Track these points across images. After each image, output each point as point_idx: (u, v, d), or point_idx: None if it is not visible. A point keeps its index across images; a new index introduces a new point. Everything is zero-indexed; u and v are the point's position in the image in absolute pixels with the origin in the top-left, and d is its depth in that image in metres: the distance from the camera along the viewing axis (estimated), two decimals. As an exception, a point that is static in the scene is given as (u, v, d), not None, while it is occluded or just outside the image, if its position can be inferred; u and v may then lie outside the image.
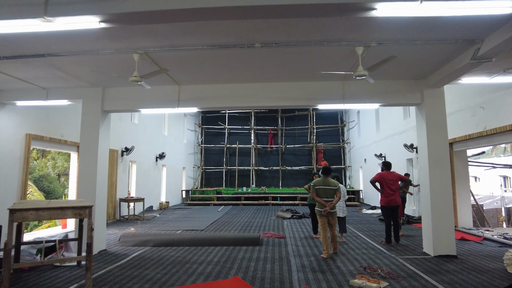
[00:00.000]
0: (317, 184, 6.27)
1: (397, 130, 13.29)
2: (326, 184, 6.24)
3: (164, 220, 11.33)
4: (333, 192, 6.20)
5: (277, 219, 11.22)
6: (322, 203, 6.07)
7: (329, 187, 6.24)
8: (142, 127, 14.00)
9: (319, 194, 6.17)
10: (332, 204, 6.08)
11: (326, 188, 6.22)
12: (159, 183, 15.77)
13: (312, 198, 6.39)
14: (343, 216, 7.40)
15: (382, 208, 7.22)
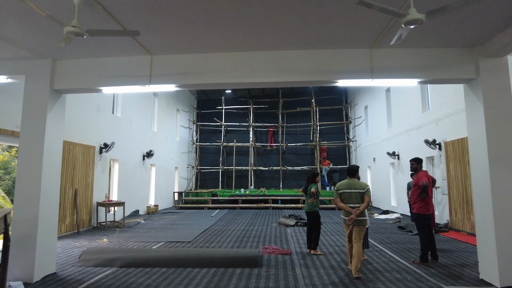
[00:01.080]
0: (340, 187, 5.13)
1: (414, 124, 11.74)
2: (351, 187, 5.04)
3: (147, 228, 9.74)
4: (360, 196, 4.97)
5: (278, 227, 9.65)
6: (347, 209, 4.92)
7: (355, 190, 4.99)
8: (126, 121, 12.41)
9: (344, 200, 5.05)
10: (359, 211, 4.85)
11: (351, 192, 5.02)
12: (146, 185, 14.17)
13: (335, 204, 5.20)
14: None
15: (419, 217, 5.67)
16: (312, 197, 6.27)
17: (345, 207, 4.96)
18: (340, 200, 5.05)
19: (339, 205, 5.06)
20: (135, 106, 13.17)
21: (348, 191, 5.02)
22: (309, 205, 6.39)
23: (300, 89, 21.40)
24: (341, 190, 5.08)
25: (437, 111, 10.14)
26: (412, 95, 11.85)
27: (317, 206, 6.39)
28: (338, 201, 5.07)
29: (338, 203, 5.06)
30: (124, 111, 12.29)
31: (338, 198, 5.08)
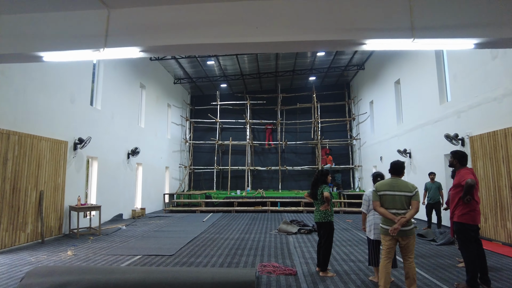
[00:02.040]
0: (381, 188, 3.96)
1: (429, 118, 10.49)
2: (395, 188, 3.88)
3: (127, 236, 8.41)
4: (407, 201, 3.83)
5: (279, 234, 8.35)
6: (390, 217, 3.78)
7: (401, 192, 3.84)
8: (107, 114, 11.07)
9: (385, 204, 3.89)
10: (405, 220, 3.69)
11: (395, 195, 3.85)
12: (132, 186, 12.83)
13: (375, 209, 4.00)
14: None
15: (462, 227, 4.39)
16: (325, 203, 4.95)
17: (386, 213, 3.77)
18: (380, 204, 3.86)
19: (379, 210, 3.86)
20: (118, 98, 11.84)
21: (391, 193, 3.83)
22: (321, 213, 5.03)
23: (300, 84, 20.16)
24: (382, 192, 3.87)
25: (458, 102, 8.90)
26: (427, 86, 10.61)
27: (332, 214, 5.08)
28: (378, 205, 3.87)
29: (378, 208, 3.86)
30: (105, 103, 10.95)
31: (378, 201, 3.88)
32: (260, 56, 15.58)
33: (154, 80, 15.27)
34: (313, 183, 5.19)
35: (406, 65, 12.20)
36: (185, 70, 17.00)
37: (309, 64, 16.95)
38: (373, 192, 3.96)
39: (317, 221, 5.07)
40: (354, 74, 18.77)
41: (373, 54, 15.61)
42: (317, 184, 5.10)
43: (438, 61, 10.09)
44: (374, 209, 3.95)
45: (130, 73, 12.81)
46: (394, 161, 4.11)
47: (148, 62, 14.56)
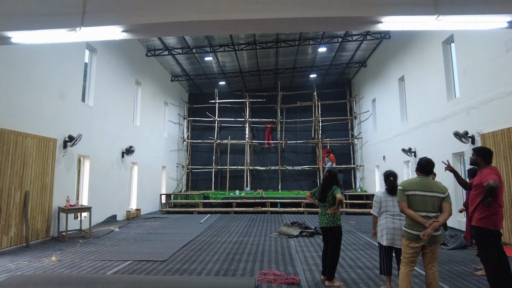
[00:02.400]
0: (409, 187, 3.47)
1: (436, 116, 10.05)
2: (425, 188, 3.41)
3: (118, 239, 7.95)
4: (438, 203, 3.37)
5: (279, 237, 7.90)
6: (420, 220, 3.29)
7: (432, 193, 3.39)
8: (101, 111, 10.61)
9: (414, 205, 3.40)
10: (438, 224, 3.25)
11: (426, 196, 3.39)
12: (126, 186, 12.36)
13: (402, 211, 3.48)
14: None
15: (481, 232, 3.94)
16: (336, 206, 4.48)
17: (415, 216, 3.30)
18: (409, 206, 3.40)
19: (407, 212, 3.37)
20: (112, 95, 11.37)
21: (421, 193, 3.38)
22: (329, 217, 4.53)
23: (300, 82, 19.72)
24: (411, 191, 3.41)
25: (468, 98, 8.46)
26: (434, 82, 10.17)
27: (340, 218, 4.62)
28: (406, 207, 3.39)
29: (406, 210, 3.38)
30: (98, 100, 10.49)
31: (405, 202, 3.41)
32: (259, 52, 15.14)
33: (150, 77, 14.82)
34: (325, 186, 4.60)
35: (411, 61, 11.77)
36: (183, 67, 16.55)
37: (310, 61, 16.52)
38: (398, 191, 3.50)
39: (323, 226, 4.59)
40: (355, 71, 18.35)
41: (376, 50, 15.19)
42: (329, 186, 4.59)
43: (445, 55, 9.66)
44: (401, 210, 3.48)
45: (124, 69, 12.35)
46: (422, 158, 3.65)
47: (143, 58, 14.10)
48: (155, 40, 13.56)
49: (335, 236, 4.47)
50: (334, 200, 4.50)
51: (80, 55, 9.54)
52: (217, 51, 14.22)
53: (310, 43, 13.90)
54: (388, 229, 4.00)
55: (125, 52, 12.38)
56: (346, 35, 13.62)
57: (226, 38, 13.55)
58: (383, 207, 4.12)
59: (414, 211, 3.34)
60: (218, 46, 14.07)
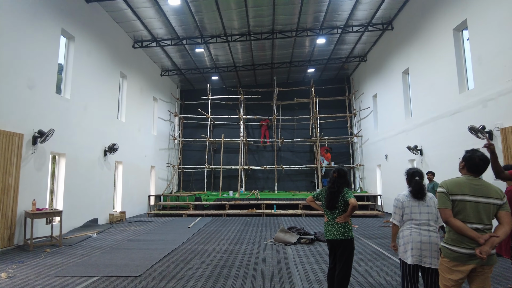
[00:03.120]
0: (455, 189, 2.61)
1: (445, 110, 9.23)
2: (477, 193, 2.55)
3: (93, 247, 7.01)
4: (493, 212, 2.53)
5: (275, 245, 7.00)
6: (473, 235, 2.44)
7: (487, 199, 2.53)
8: (79, 105, 9.65)
9: (463, 214, 2.54)
10: (498, 240, 2.40)
11: (479, 202, 2.53)
12: (109, 187, 11.40)
13: (445, 221, 2.59)
14: None
15: None
16: (348, 213, 3.61)
17: (465, 229, 2.45)
18: (454, 214, 2.55)
19: (454, 224, 2.50)
20: (93, 88, 10.42)
21: (472, 199, 2.53)
22: (339, 228, 3.64)
23: (297, 77, 18.88)
24: (458, 196, 2.55)
25: (485, 89, 7.63)
26: (443, 73, 9.35)
27: (352, 228, 3.74)
28: (451, 216, 2.53)
29: (452, 220, 2.51)
30: (76, 92, 9.53)
31: (450, 209, 2.55)
32: (254, 44, 14.25)
33: (138, 70, 13.86)
34: (334, 190, 3.67)
35: (417, 52, 10.95)
36: (173, 61, 15.61)
37: (308, 54, 15.66)
38: (440, 195, 2.63)
39: (331, 238, 3.69)
40: (355, 66, 17.53)
41: (377, 43, 14.38)
42: (340, 190, 3.68)
43: (457, 43, 8.83)
44: (445, 221, 2.60)
45: (108, 60, 11.39)
46: (471, 152, 2.76)
47: (130, 49, 13.15)
48: (143, 30, 12.63)
49: (345, 251, 3.58)
50: (346, 206, 3.62)
51: (54, 42, 8.58)
52: (209, 42, 13.30)
53: (308, 34, 13.03)
54: (414, 242, 3.12)
55: (109, 42, 11.43)
56: (347, 25, 12.78)
57: (219, 29, 12.65)
58: (406, 214, 3.24)
59: (464, 222, 2.48)
60: (210, 37, 13.16)
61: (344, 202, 3.66)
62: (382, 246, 6.89)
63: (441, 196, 2.60)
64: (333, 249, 3.76)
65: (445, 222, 2.59)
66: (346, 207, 3.65)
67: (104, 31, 11.07)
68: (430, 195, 3.28)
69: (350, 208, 3.57)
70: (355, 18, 12.36)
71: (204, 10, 11.37)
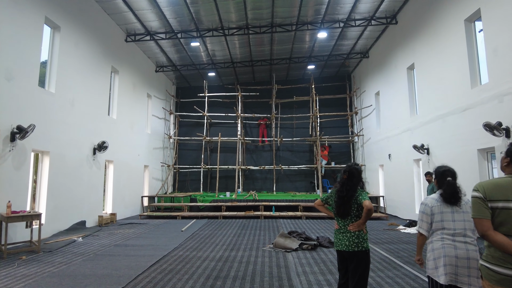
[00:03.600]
0: (494, 194, 1.99)
1: (455, 107, 8.67)
2: None
3: (76, 253, 6.39)
4: None
5: (274, 251, 6.42)
6: None
7: None
8: (65, 100, 9.02)
9: (506, 226, 1.94)
10: None
11: None
12: (99, 187, 10.78)
13: (482, 234, 2.01)
14: None
15: None
16: (363, 219, 3.04)
17: (510, 245, 1.88)
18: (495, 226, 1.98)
19: (494, 239, 1.94)
20: (81, 82, 9.80)
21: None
22: (352, 237, 3.06)
23: (297, 75, 18.32)
24: (500, 203, 1.98)
25: (501, 83, 7.08)
26: (452, 68, 8.80)
27: (367, 238, 3.16)
28: (490, 228, 1.97)
29: (492, 234, 1.95)
30: (62, 86, 8.90)
31: (489, 219, 1.98)
32: (252, 39, 13.68)
33: (131, 65, 13.25)
34: (345, 194, 3.09)
35: (423, 47, 10.40)
36: (168, 56, 15.00)
37: (308, 50, 15.10)
38: (475, 201, 2.04)
39: (343, 250, 3.11)
40: (356, 64, 16.99)
41: (380, 38, 13.83)
42: (353, 194, 3.10)
43: (468, 35, 8.28)
44: (482, 234, 1.99)
45: (98, 53, 10.78)
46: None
47: (122, 43, 12.54)
48: (135, 23, 12.02)
49: (360, 265, 3.00)
50: (360, 211, 3.05)
51: (36, 31, 7.95)
52: (205, 36, 12.71)
53: (308, 28, 12.46)
54: (447, 257, 2.55)
55: (99, 34, 10.81)
56: (349, 19, 12.23)
57: (215, 21, 12.06)
58: (436, 222, 2.67)
59: (508, 236, 1.90)
60: (206, 31, 12.56)
61: (357, 205, 3.08)
62: (391, 252, 6.32)
63: (476, 203, 2.01)
64: (344, 261, 3.18)
65: (482, 236, 2.01)
66: (360, 211, 3.08)
67: (93, 23, 10.46)
68: (465, 199, 2.71)
69: (365, 212, 2.99)
70: (358, 11, 11.82)
71: (200, 1, 10.79)
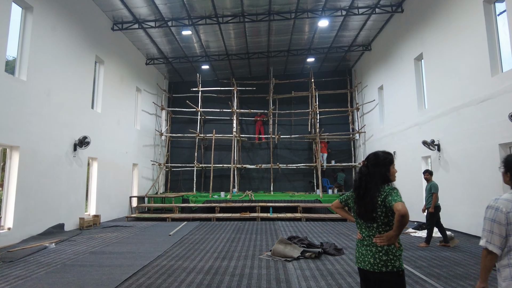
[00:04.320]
0: None
1: (472, 98, 7.87)
2: None
3: (40, 264, 5.48)
4: None
5: (273, 260, 5.56)
6: None
7: None
8: (39, 89, 8.10)
9: None
10: None
11: None
12: (81, 187, 9.85)
13: None
14: None
15: None
16: (395, 229, 2.18)
17: None
18: None
19: None
20: (59, 70, 8.88)
21: None
22: (379, 252, 2.23)
23: (295, 69, 17.48)
24: None
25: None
26: (468, 55, 7.99)
27: (400, 255, 2.29)
28: None
29: None
30: (36, 74, 7.98)
31: None
32: (248, 28, 12.81)
33: (118, 56, 12.33)
34: (362, 186, 2.33)
35: (433, 34, 9.60)
36: (159, 47, 14.09)
37: (307, 42, 14.26)
38: None
39: (365, 268, 2.27)
40: (357, 57, 16.18)
41: (384, 29, 13.03)
42: (370, 188, 2.28)
43: (488, 17, 7.46)
44: None
45: (80, 40, 9.86)
46: None
47: (108, 31, 11.62)
48: (122, 9, 11.11)
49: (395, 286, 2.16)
50: (391, 218, 2.21)
51: (3, 11, 7.03)
52: (197, 24, 11.82)
53: (308, 16, 11.62)
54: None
55: (81, 20, 9.90)
56: (352, 7, 11.40)
57: (209, 8, 11.18)
58: (515, 235, 1.82)
59: None
60: (199, 18, 11.68)
61: (386, 209, 2.24)
62: (407, 261, 5.48)
63: None
64: (368, 283, 2.33)
65: None
66: (391, 218, 2.24)
67: (73, 6, 9.54)
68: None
69: (397, 220, 2.14)
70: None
71: (191, -16, 9.92)
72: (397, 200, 2.17)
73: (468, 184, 8.03)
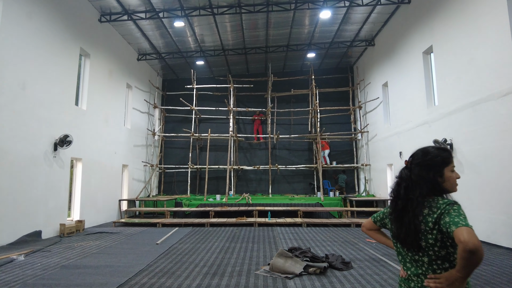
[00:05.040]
0: None
1: (490, 92, 7.13)
2: None
3: (3, 282, 4.67)
4: None
5: (271, 277, 4.76)
6: None
7: None
8: (11, 82, 7.29)
9: None
10: None
11: None
12: (62, 190, 9.03)
13: None
14: None
15: None
16: (458, 269, 1.41)
17: None
18: None
19: None
20: (36, 62, 8.07)
21: None
22: None
23: (295, 66, 16.73)
24: None
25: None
26: (488, 43, 7.25)
27: None
28: None
29: None
30: (7, 65, 7.18)
31: None
32: (245, 21, 12.05)
33: (106, 50, 11.53)
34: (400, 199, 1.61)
35: (444, 25, 8.86)
36: (150, 41, 13.30)
37: (308, 36, 13.51)
38: None
39: None
40: (360, 54, 15.46)
41: (389, 22, 12.30)
42: (414, 201, 1.53)
43: (510, 2, 6.73)
44: None
45: (63, 30, 9.07)
46: None
47: (95, 23, 10.83)
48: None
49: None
50: (448, 247, 1.46)
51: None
52: (191, 15, 11.04)
53: (309, 7, 10.87)
54: None
55: (64, 9, 9.11)
56: (356, -3, 10.66)
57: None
58: None
59: None
60: (192, 9, 10.90)
61: (442, 236, 1.47)
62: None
63: None
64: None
65: None
66: (452, 249, 1.47)
67: (55, -6, 8.75)
68: None
69: (462, 257, 1.35)
70: (367, -13, 10.28)
71: (183, -30, 9.15)
72: (460, 224, 1.40)
73: (487, 187, 7.28)
